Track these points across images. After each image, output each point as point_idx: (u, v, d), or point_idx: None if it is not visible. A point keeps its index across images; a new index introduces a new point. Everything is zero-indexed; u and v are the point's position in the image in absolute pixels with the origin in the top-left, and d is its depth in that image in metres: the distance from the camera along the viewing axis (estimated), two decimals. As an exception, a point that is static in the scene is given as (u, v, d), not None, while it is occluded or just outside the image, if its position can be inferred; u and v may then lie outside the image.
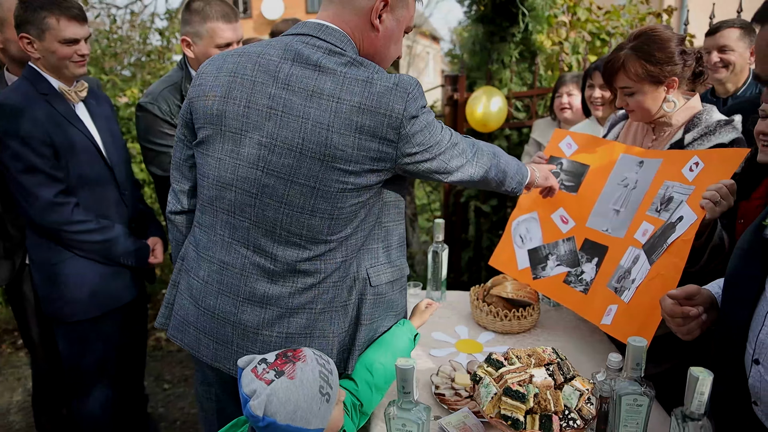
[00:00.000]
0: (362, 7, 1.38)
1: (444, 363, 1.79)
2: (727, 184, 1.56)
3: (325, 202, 1.34)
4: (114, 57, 4.88)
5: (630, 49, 1.82)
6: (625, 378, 1.30)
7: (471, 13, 4.20)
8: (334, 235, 1.39)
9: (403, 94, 1.30)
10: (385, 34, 1.42)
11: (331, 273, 1.42)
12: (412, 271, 4.98)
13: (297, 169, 1.32)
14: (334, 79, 1.30)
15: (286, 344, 1.42)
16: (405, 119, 1.31)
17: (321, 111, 1.29)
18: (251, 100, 1.35)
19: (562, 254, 2.03)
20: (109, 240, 2.16)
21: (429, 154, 1.39)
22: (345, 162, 1.31)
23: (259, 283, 1.41)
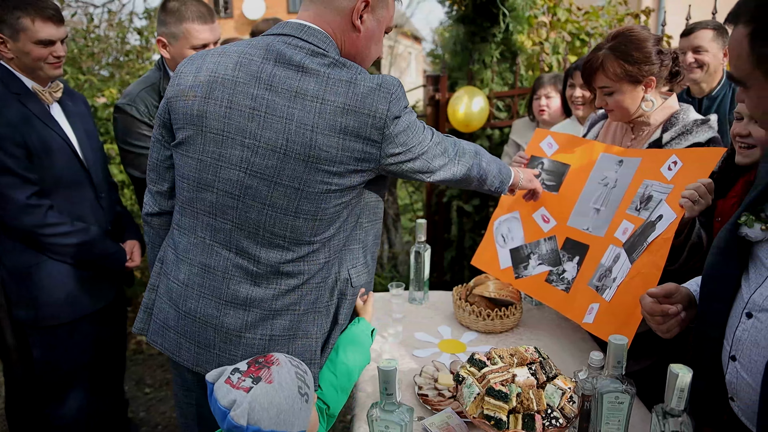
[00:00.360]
0: (343, 7, 1.37)
1: (427, 363, 1.78)
2: (705, 183, 1.58)
3: (308, 203, 1.34)
4: (91, 56, 4.81)
5: (608, 49, 1.83)
6: (607, 376, 1.30)
7: (452, 14, 4.22)
8: (318, 236, 1.38)
9: (387, 95, 1.31)
10: (366, 35, 1.42)
11: (314, 274, 1.42)
12: (394, 271, 4.97)
13: (281, 170, 1.31)
14: (318, 80, 1.30)
15: (269, 347, 1.40)
16: (388, 119, 1.31)
17: (305, 112, 1.29)
18: (233, 101, 1.33)
19: (543, 253, 2.04)
20: (85, 243, 2.11)
21: (412, 154, 1.40)
22: (329, 163, 1.31)
23: (242, 285, 1.40)
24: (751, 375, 1.14)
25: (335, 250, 1.44)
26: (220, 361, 1.42)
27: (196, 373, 1.48)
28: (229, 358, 1.41)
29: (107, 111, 4.25)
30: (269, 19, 3.41)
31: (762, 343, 1.12)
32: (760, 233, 1.17)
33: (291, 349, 1.41)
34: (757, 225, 1.17)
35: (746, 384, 1.15)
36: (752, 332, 1.14)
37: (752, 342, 1.14)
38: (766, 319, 1.12)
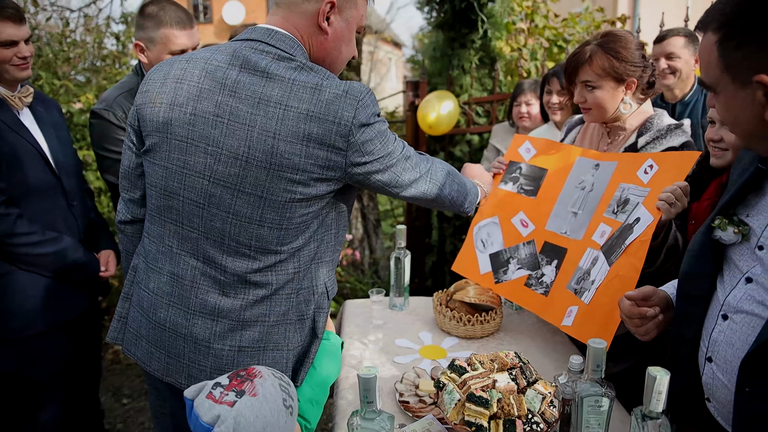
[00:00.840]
0: (309, 10, 1.36)
1: (408, 370, 1.77)
2: (681, 186, 1.61)
3: (273, 212, 1.31)
4: (67, 61, 4.72)
5: (597, 45, 1.86)
6: (587, 380, 1.31)
7: (431, 20, 4.24)
8: (285, 245, 1.36)
9: (353, 101, 1.28)
10: (334, 36, 1.40)
11: (283, 285, 1.39)
12: (375, 277, 4.96)
13: (243, 178, 1.29)
14: (282, 86, 1.28)
15: (238, 358, 1.38)
16: (354, 127, 1.28)
17: (267, 118, 1.27)
18: (197, 108, 1.32)
19: (522, 257, 2.05)
20: (56, 252, 2.06)
21: (380, 165, 1.36)
22: (292, 171, 1.28)
23: (210, 294, 1.38)
24: (726, 375, 1.15)
25: (306, 261, 1.41)
26: (189, 372, 1.40)
27: (168, 383, 1.45)
28: (198, 368, 1.39)
29: (83, 117, 4.17)
30: (249, 25, 3.38)
31: (737, 344, 1.13)
32: (733, 236, 1.18)
33: (261, 361, 1.39)
34: (729, 228, 1.19)
35: (722, 384, 1.16)
36: (728, 333, 1.16)
37: (727, 343, 1.15)
38: (741, 320, 1.13)
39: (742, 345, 1.11)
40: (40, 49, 4.42)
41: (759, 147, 1.12)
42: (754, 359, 1.07)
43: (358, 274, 4.92)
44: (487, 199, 2.26)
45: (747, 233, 1.17)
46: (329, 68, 1.43)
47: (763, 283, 1.11)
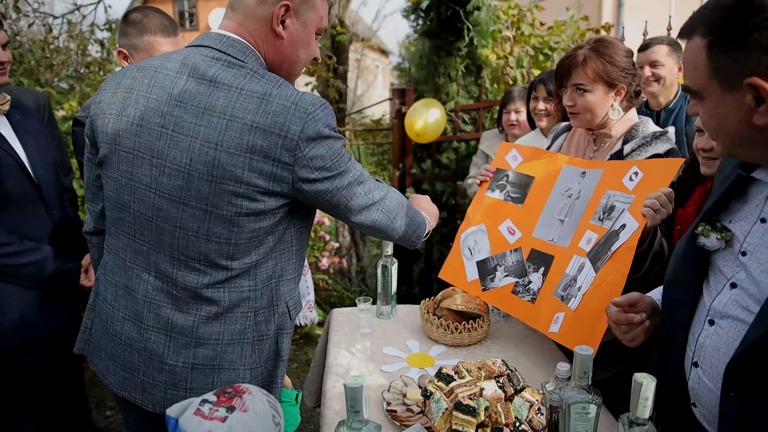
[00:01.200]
0: (263, 15, 1.31)
1: (395, 378, 1.76)
2: (666, 192, 1.62)
3: (219, 226, 1.27)
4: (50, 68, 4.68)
5: (590, 49, 1.88)
6: (574, 387, 1.31)
7: (418, 28, 4.25)
8: (235, 260, 1.31)
9: (302, 114, 1.23)
10: (291, 40, 1.35)
11: (237, 303, 1.34)
12: (363, 285, 4.94)
13: (187, 191, 1.26)
14: (228, 95, 1.24)
15: (192, 375, 1.35)
16: (302, 141, 1.23)
17: (210, 129, 1.23)
18: (144, 118, 1.29)
19: (509, 265, 2.05)
20: (34, 263, 2.02)
21: (330, 184, 1.31)
22: (235, 183, 1.23)
23: (163, 309, 1.34)
24: (712, 380, 1.16)
25: (263, 279, 1.36)
26: (143, 386, 1.37)
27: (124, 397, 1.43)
28: (152, 383, 1.37)
29: (66, 124, 4.13)
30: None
31: (723, 349, 1.14)
32: (716, 243, 1.19)
33: (216, 380, 1.36)
34: (713, 235, 1.20)
35: (708, 389, 1.17)
36: (714, 338, 1.16)
37: (714, 348, 1.16)
38: (727, 325, 1.14)
39: (728, 350, 1.12)
40: (22, 56, 4.37)
41: (742, 153, 1.12)
42: (738, 364, 1.08)
43: (345, 282, 4.90)
44: (473, 207, 2.27)
45: (730, 239, 1.18)
46: (287, 73, 1.40)
47: (747, 288, 1.12)
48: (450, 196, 4.28)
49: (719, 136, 1.11)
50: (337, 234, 5.07)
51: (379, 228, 1.46)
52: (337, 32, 4.82)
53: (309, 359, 4.03)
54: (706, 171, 1.77)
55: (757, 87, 0.97)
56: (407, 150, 4.28)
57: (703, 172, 1.79)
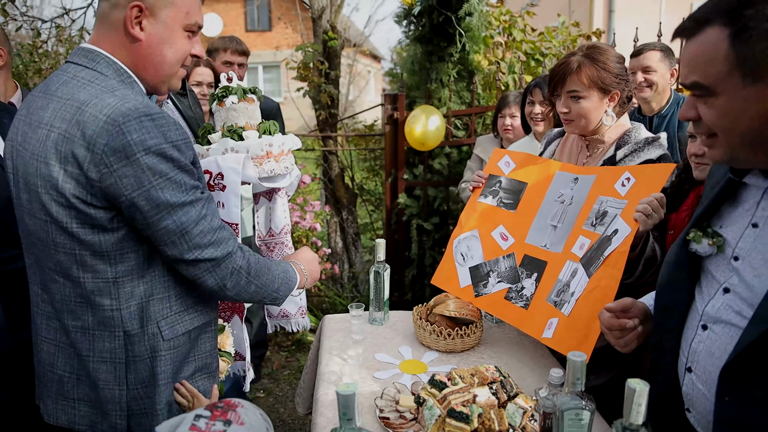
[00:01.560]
0: (116, 19, 1.29)
1: (388, 385, 1.75)
2: (658, 197, 1.63)
3: (61, 236, 1.27)
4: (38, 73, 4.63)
5: (583, 56, 1.88)
6: (567, 393, 1.30)
7: (409, 33, 4.26)
8: (87, 273, 1.28)
9: (111, 127, 1.17)
10: (151, 41, 1.31)
11: (103, 321, 1.31)
12: (355, 291, 4.92)
13: (30, 202, 1.29)
14: (55, 106, 1.24)
15: (78, 387, 1.37)
16: (106, 155, 1.17)
17: (36, 141, 1.25)
18: (12, 137, 1.34)
19: (502, 271, 2.04)
20: (17, 271, 1.98)
21: (140, 215, 1.22)
22: (57, 194, 1.22)
23: (50, 321, 1.38)
24: (706, 385, 1.15)
25: (128, 297, 1.31)
26: (40, 394, 1.43)
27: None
28: (47, 393, 1.41)
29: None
30: (225, 37, 3.36)
31: (716, 354, 1.13)
32: (708, 248, 1.19)
33: (99, 395, 1.35)
34: (704, 240, 1.20)
35: (701, 395, 1.17)
36: (707, 343, 1.16)
37: (707, 353, 1.16)
38: (720, 330, 1.14)
39: (722, 355, 1.12)
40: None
41: (746, 156, 1.09)
42: (732, 368, 1.08)
43: (337, 288, 4.88)
44: (466, 213, 2.26)
45: (722, 245, 1.18)
46: (155, 75, 1.35)
47: (740, 293, 1.11)
48: (442, 202, 4.27)
49: (728, 137, 1.06)
50: (329, 239, 5.05)
51: (206, 288, 1.35)
52: (329, 37, 4.81)
53: (301, 366, 4.00)
54: (699, 175, 1.78)
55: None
56: (399, 155, 4.28)
57: (696, 176, 1.80)
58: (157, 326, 1.34)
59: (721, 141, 1.09)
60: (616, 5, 11.60)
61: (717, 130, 1.07)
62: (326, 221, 5.00)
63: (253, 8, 19.45)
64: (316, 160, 5.30)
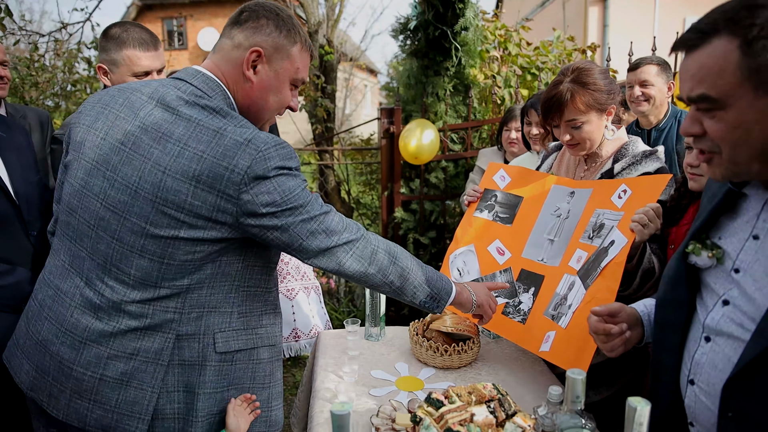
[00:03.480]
0: (236, 58, 1.40)
1: (384, 403, 1.72)
2: (654, 208, 1.62)
3: (154, 245, 1.31)
4: (35, 86, 4.64)
5: (571, 82, 1.84)
6: (566, 411, 1.28)
7: (405, 48, 4.28)
8: (166, 281, 1.34)
9: (253, 152, 1.28)
10: (260, 86, 1.42)
11: (161, 323, 1.35)
12: (351, 306, 4.89)
13: (131, 206, 1.32)
14: (187, 126, 1.31)
15: (99, 387, 1.35)
16: (248, 177, 1.27)
17: (164, 154, 1.29)
18: (108, 134, 1.37)
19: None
20: (8, 286, 1.93)
21: (278, 221, 1.32)
22: (176, 209, 1.29)
23: (85, 316, 1.36)
24: (709, 398, 1.14)
25: (193, 304, 1.36)
26: (50, 390, 1.39)
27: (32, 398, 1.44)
28: (60, 389, 1.37)
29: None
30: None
31: (720, 366, 1.12)
32: (708, 260, 1.18)
33: (120, 396, 1.35)
34: (704, 253, 1.19)
35: (705, 407, 1.15)
36: (710, 355, 1.15)
37: (710, 365, 1.14)
38: (723, 342, 1.12)
39: (725, 367, 1.10)
40: (7, 74, 4.33)
41: (753, 170, 1.06)
42: (735, 383, 1.06)
43: (333, 302, 4.85)
44: (462, 227, 2.25)
45: (721, 257, 1.17)
46: (255, 116, 1.45)
47: (740, 305, 1.10)
48: (439, 216, 4.27)
49: (736, 151, 1.04)
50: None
51: (352, 274, 1.45)
52: (325, 52, 4.84)
53: (297, 381, 3.96)
54: (694, 186, 1.78)
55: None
56: (396, 169, 4.28)
57: (691, 187, 1.79)
58: (212, 337, 1.39)
59: (725, 157, 1.06)
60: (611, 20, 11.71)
61: (724, 145, 1.04)
62: (322, 235, 4.98)
63: (251, 23, 19.54)
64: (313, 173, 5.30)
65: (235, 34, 1.41)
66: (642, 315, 1.42)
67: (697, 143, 1.11)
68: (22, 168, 2.08)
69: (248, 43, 1.39)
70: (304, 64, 1.48)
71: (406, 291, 1.55)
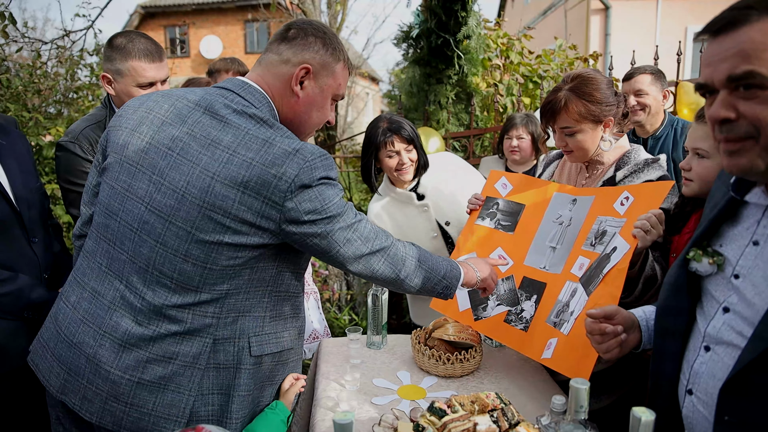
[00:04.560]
0: (284, 73, 1.44)
1: (386, 411, 1.71)
2: (656, 214, 1.62)
3: (198, 249, 1.33)
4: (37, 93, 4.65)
5: (569, 90, 1.86)
6: (570, 420, 1.27)
7: (408, 56, 4.29)
8: (207, 286, 1.36)
9: (300, 161, 1.32)
10: (306, 101, 1.47)
11: (200, 327, 1.37)
12: (352, 313, 4.88)
13: (177, 210, 1.33)
14: (236, 134, 1.34)
15: (136, 390, 1.35)
16: (294, 185, 1.31)
17: (212, 160, 1.32)
18: (155, 138, 1.38)
19: (501, 293, 2.02)
20: (10, 293, 1.93)
21: (318, 228, 1.37)
22: (223, 214, 1.31)
23: (124, 319, 1.37)
24: (706, 408, 1.13)
25: (230, 309, 1.40)
26: (85, 393, 1.38)
27: (62, 402, 1.43)
28: (94, 392, 1.37)
29: (53, 150, 4.09)
30: (227, 58, 3.37)
31: (718, 375, 1.12)
32: (709, 267, 1.19)
33: (158, 400, 1.36)
34: (704, 259, 1.19)
35: (702, 417, 1.15)
36: (709, 365, 1.15)
37: (709, 374, 1.14)
38: (722, 351, 1.12)
39: (723, 376, 1.10)
40: (9, 81, 4.35)
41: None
42: (732, 387, 1.06)
43: (335, 310, 4.84)
44: (464, 235, 2.25)
45: (722, 263, 1.17)
46: (297, 129, 1.48)
47: (740, 311, 1.10)
48: (440, 223, 4.26)
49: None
50: (326, 261, 5.02)
51: (386, 280, 1.52)
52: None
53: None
54: (686, 191, 1.79)
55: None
56: (397, 176, 4.28)
57: (684, 192, 1.80)
58: (248, 341, 1.42)
59: (762, 143, 1.01)
60: (612, 28, 11.76)
61: (765, 128, 0.99)
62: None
63: (253, 30, 19.70)
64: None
65: (283, 50, 1.44)
66: (640, 320, 1.43)
67: (724, 130, 1.05)
68: (23, 174, 2.09)
69: (297, 59, 1.43)
70: (344, 81, 1.54)
71: (427, 289, 1.62)
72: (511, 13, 18.18)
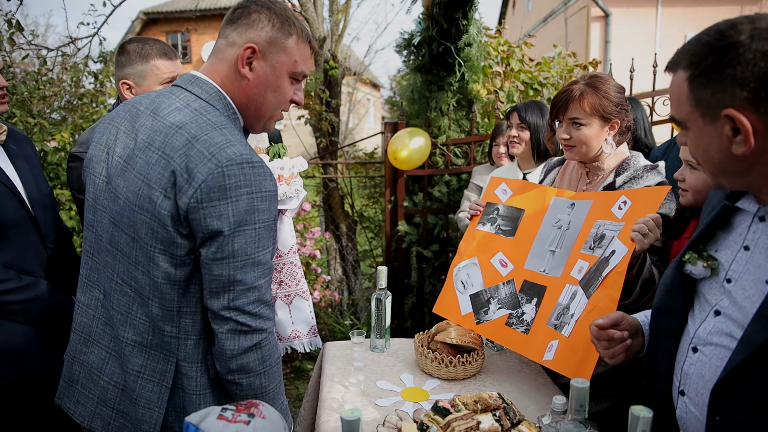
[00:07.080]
0: (231, 56, 1.36)
1: (390, 413, 1.74)
2: (654, 218, 1.66)
3: (143, 256, 1.31)
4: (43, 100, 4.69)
5: (586, 84, 1.94)
6: (570, 420, 1.30)
7: (409, 63, 4.33)
8: (157, 299, 1.31)
9: (214, 166, 1.21)
10: (257, 82, 1.37)
11: (160, 343, 1.34)
12: (354, 318, 4.90)
13: (121, 217, 1.33)
14: (168, 132, 1.28)
15: (121, 397, 1.38)
16: (201, 190, 1.21)
17: (145, 162, 1.29)
18: (111, 147, 1.39)
19: (502, 297, 2.05)
20: (31, 300, 1.93)
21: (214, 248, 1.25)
22: (151, 216, 1.26)
23: (107, 327, 1.41)
24: (698, 408, 1.16)
25: (186, 330, 1.34)
26: (78, 398, 1.42)
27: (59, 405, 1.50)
28: (87, 396, 1.42)
29: (57, 155, 4.12)
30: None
31: (707, 376, 1.14)
32: (703, 270, 1.22)
33: (136, 412, 1.35)
34: (699, 263, 1.22)
35: (694, 418, 1.17)
36: (698, 366, 1.17)
37: (698, 375, 1.17)
38: (710, 352, 1.15)
39: (713, 377, 1.13)
40: (15, 87, 4.38)
41: (727, 182, 1.15)
42: (723, 389, 1.09)
43: (336, 315, 4.86)
44: (465, 241, 2.28)
45: (716, 267, 1.20)
46: (254, 114, 1.41)
47: (731, 314, 1.13)
48: (442, 229, 4.29)
49: (706, 165, 1.15)
50: (328, 267, 5.05)
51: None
52: (329, 66, 4.89)
53: (300, 394, 3.96)
54: (682, 201, 1.83)
55: (734, 119, 1.02)
56: (399, 183, 4.31)
57: (681, 202, 1.84)
58: (207, 364, 1.36)
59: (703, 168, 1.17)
60: (612, 36, 11.82)
61: (697, 159, 1.16)
62: (326, 248, 5.01)
63: (255, 37, 19.72)
64: (317, 187, 5.33)
65: (229, 33, 1.36)
66: (643, 325, 1.45)
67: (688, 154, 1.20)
68: (35, 179, 2.10)
69: (241, 40, 1.34)
70: (302, 56, 1.41)
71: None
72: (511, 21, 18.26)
